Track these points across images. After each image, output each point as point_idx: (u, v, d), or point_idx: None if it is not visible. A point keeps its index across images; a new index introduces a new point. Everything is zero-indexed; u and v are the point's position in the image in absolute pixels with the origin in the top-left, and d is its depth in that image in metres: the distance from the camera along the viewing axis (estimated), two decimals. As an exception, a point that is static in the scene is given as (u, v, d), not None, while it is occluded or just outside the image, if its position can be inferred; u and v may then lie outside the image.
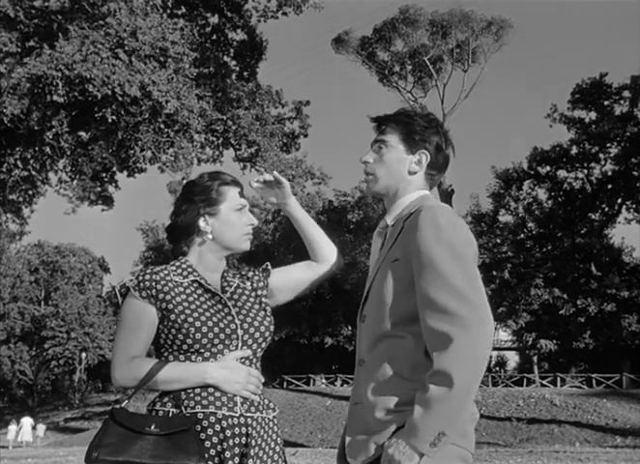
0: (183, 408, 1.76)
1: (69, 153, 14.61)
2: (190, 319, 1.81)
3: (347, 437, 1.76)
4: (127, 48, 11.73)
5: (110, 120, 12.59)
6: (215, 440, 1.75)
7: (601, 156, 35.55)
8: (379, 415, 1.65)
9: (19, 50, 11.76)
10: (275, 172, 2.05)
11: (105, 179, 15.27)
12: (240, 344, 1.86)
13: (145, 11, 11.93)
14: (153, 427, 1.70)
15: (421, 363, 1.65)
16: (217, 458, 1.74)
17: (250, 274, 2.07)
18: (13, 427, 31.83)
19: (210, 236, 1.95)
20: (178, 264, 1.95)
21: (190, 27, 13.49)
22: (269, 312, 1.99)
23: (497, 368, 49.42)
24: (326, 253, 2.14)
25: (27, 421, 31.92)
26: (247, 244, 2.00)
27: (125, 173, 15.24)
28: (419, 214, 1.70)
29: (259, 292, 2.02)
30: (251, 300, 1.98)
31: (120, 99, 11.76)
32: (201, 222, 1.95)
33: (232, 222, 1.96)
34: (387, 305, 1.70)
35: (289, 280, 2.10)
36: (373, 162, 1.88)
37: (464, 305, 1.55)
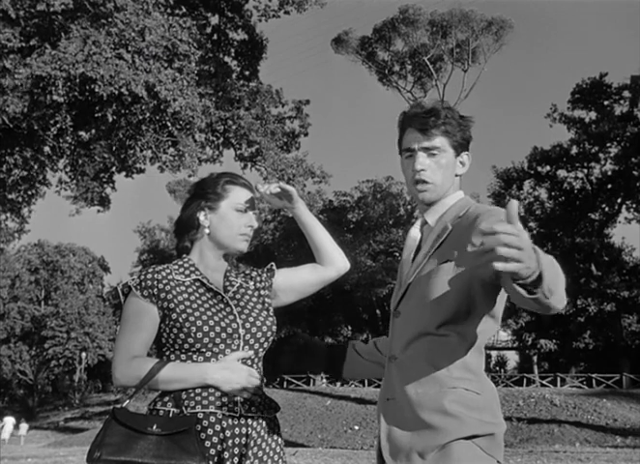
0: (183, 408, 1.76)
1: (68, 153, 14.61)
2: (192, 318, 1.81)
3: (382, 434, 1.72)
4: (130, 48, 11.75)
5: (111, 120, 12.60)
6: (215, 440, 1.75)
7: (601, 156, 35.59)
8: (427, 416, 1.62)
9: (22, 46, 11.76)
10: (280, 183, 2.03)
11: (104, 179, 15.27)
12: (242, 344, 1.85)
13: (147, 9, 11.94)
14: (154, 427, 1.70)
15: (466, 362, 1.65)
16: (216, 458, 1.74)
17: (254, 273, 2.06)
18: None
19: (207, 230, 1.95)
20: (181, 263, 1.96)
21: (195, 24, 13.52)
22: (271, 312, 1.98)
23: (497, 368, 49.47)
24: (332, 257, 2.12)
25: (9, 421, 33.38)
26: (243, 244, 1.97)
27: (123, 174, 15.24)
28: (476, 216, 1.68)
29: (262, 292, 2.01)
30: (254, 299, 1.97)
31: (124, 98, 11.77)
32: (201, 216, 1.96)
33: (229, 220, 1.95)
34: (435, 304, 1.68)
35: (294, 282, 2.09)
36: (429, 170, 1.81)
37: None
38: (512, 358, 51.15)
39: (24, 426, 35.19)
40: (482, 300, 1.70)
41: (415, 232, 1.89)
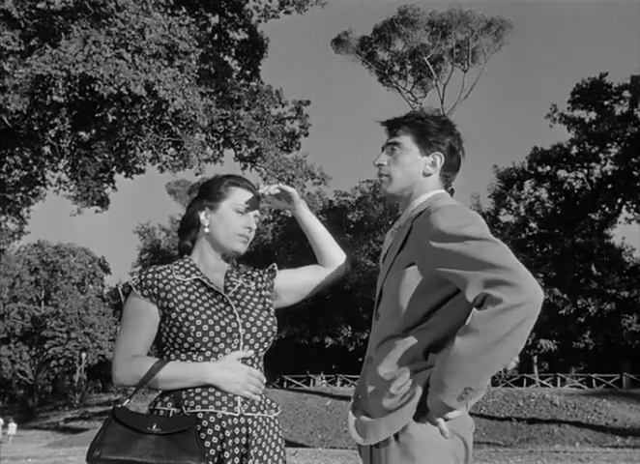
0: (183, 408, 1.76)
1: (68, 153, 14.60)
2: (191, 317, 1.81)
3: (350, 422, 1.78)
4: (130, 48, 11.75)
5: (111, 120, 12.60)
6: (214, 440, 1.75)
7: (601, 156, 35.57)
8: (386, 401, 1.67)
9: (22, 49, 11.75)
10: (280, 184, 2.05)
11: (104, 179, 15.26)
12: (242, 343, 1.85)
13: (147, 9, 11.94)
14: (154, 427, 1.70)
15: (422, 360, 1.68)
16: (216, 458, 1.74)
17: (255, 274, 2.07)
18: None
19: (207, 230, 1.96)
20: (182, 263, 1.96)
21: (195, 23, 13.53)
22: (272, 312, 1.98)
23: (497, 368, 49.34)
24: (334, 258, 2.13)
25: None
26: (240, 246, 1.97)
27: (123, 174, 15.23)
28: (428, 216, 1.69)
29: (263, 292, 2.02)
30: (255, 299, 1.97)
31: (125, 98, 11.77)
32: (202, 215, 1.97)
33: (228, 220, 1.95)
34: (401, 308, 1.71)
35: (295, 283, 2.09)
36: (388, 164, 1.88)
37: (511, 276, 1.52)
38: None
39: (13, 426, 36.06)
40: (448, 297, 1.71)
41: (388, 235, 1.95)
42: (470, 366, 1.52)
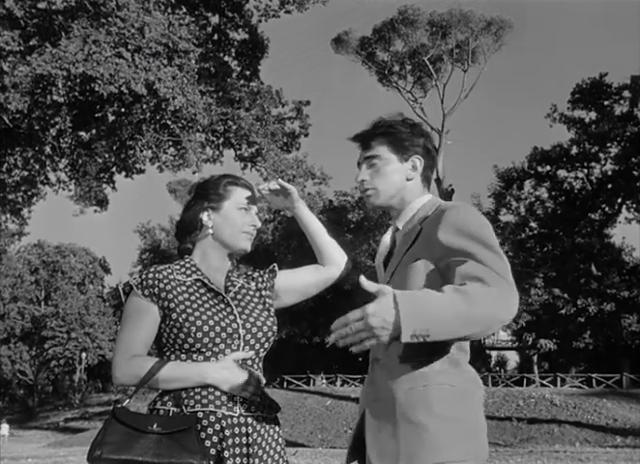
0: (183, 407, 1.77)
1: (69, 153, 14.61)
2: (191, 318, 1.81)
3: (368, 435, 1.72)
4: (130, 47, 11.76)
5: (111, 120, 12.62)
6: (214, 439, 1.75)
7: (601, 155, 35.58)
8: (413, 416, 1.63)
9: (21, 49, 11.77)
10: (279, 180, 2.05)
11: (104, 179, 15.26)
12: (242, 344, 1.86)
13: (148, 8, 11.95)
14: (155, 426, 1.70)
15: (447, 355, 1.68)
16: (216, 458, 1.74)
17: (256, 274, 2.07)
18: None
19: (211, 231, 1.96)
20: (182, 263, 1.96)
21: (195, 23, 13.54)
22: (272, 313, 1.98)
23: (497, 368, 49.49)
24: (333, 257, 2.13)
25: None
26: (247, 243, 1.98)
27: (123, 174, 15.23)
28: (442, 213, 1.72)
29: (264, 292, 2.02)
30: (255, 300, 1.97)
31: (124, 97, 11.77)
32: (204, 216, 1.97)
33: (232, 219, 1.96)
34: None
35: (296, 283, 2.09)
36: (371, 179, 1.89)
37: (510, 284, 1.58)
38: (512, 358, 51.18)
39: (5, 427, 36.23)
40: None
41: (386, 238, 1.95)
42: (442, 314, 1.47)
